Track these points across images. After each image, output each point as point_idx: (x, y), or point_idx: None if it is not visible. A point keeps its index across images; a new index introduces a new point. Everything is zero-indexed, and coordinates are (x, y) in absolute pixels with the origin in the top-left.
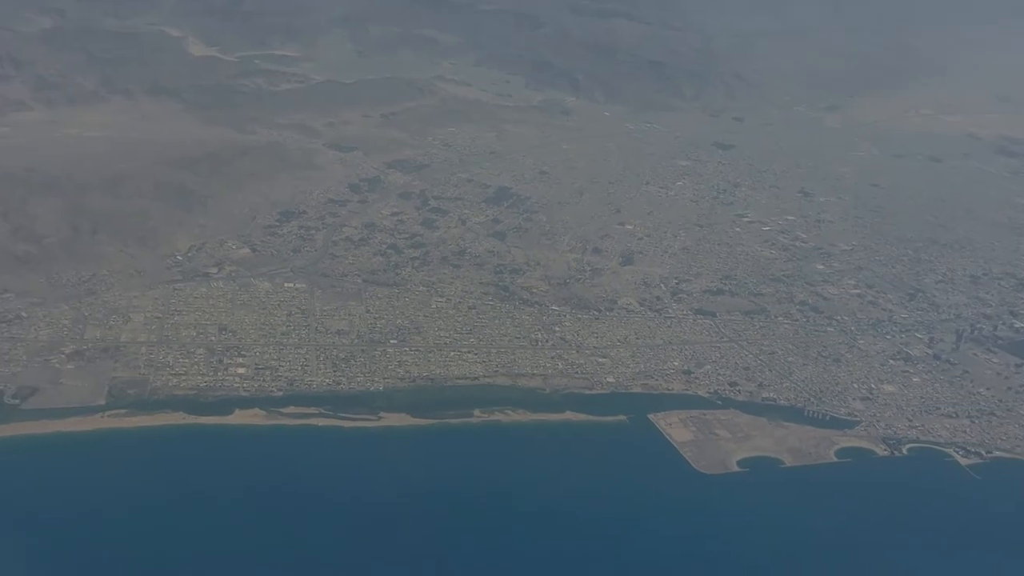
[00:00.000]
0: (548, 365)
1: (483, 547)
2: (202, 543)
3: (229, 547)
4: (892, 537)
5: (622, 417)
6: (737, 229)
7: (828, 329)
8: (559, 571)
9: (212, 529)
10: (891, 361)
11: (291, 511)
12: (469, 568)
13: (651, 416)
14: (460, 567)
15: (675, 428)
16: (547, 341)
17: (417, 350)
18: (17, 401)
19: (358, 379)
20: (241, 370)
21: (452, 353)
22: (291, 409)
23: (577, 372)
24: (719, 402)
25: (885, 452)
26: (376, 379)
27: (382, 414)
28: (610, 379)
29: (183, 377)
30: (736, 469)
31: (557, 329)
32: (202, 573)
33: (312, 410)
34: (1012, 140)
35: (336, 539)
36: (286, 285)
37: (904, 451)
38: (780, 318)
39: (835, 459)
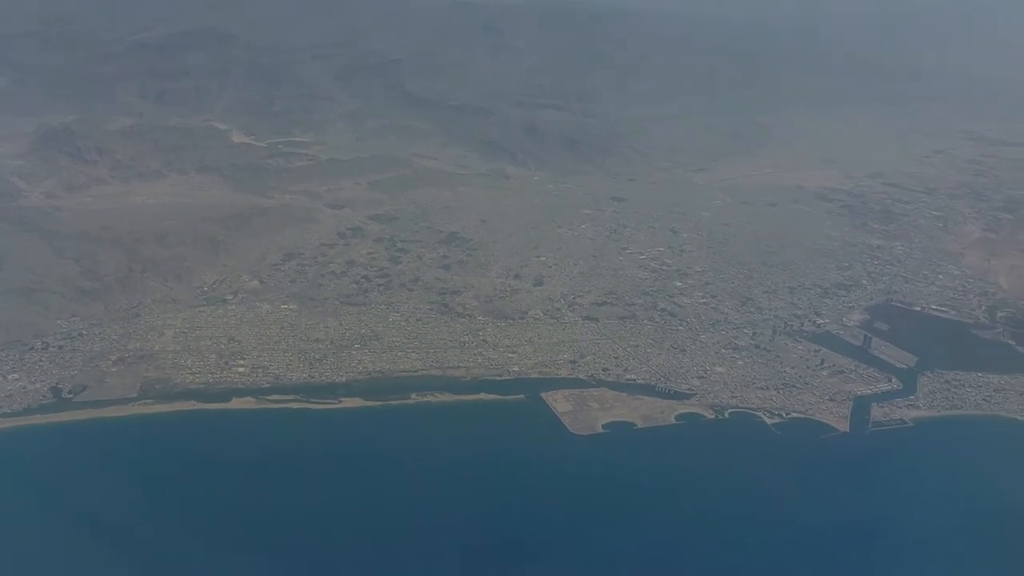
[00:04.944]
0: (470, 360)
1: (407, 487)
2: (203, 493)
3: (221, 493)
4: (711, 472)
5: (521, 396)
6: (621, 258)
7: (679, 328)
8: (465, 501)
9: (210, 482)
10: (723, 350)
11: (266, 468)
12: (395, 500)
13: (543, 394)
14: (388, 502)
15: (559, 402)
16: (472, 342)
17: (374, 351)
18: (71, 396)
19: (327, 374)
20: (241, 369)
21: (400, 353)
22: (275, 397)
23: (491, 364)
24: (594, 383)
25: (712, 416)
26: (340, 373)
27: (342, 399)
28: (515, 368)
29: (197, 375)
30: (601, 431)
31: (481, 334)
32: (201, 512)
33: (290, 397)
34: (830, 190)
35: (297, 484)
36: (282, 307)
37: (726, 415)
38: (645, 321)
39: (674, 421)
